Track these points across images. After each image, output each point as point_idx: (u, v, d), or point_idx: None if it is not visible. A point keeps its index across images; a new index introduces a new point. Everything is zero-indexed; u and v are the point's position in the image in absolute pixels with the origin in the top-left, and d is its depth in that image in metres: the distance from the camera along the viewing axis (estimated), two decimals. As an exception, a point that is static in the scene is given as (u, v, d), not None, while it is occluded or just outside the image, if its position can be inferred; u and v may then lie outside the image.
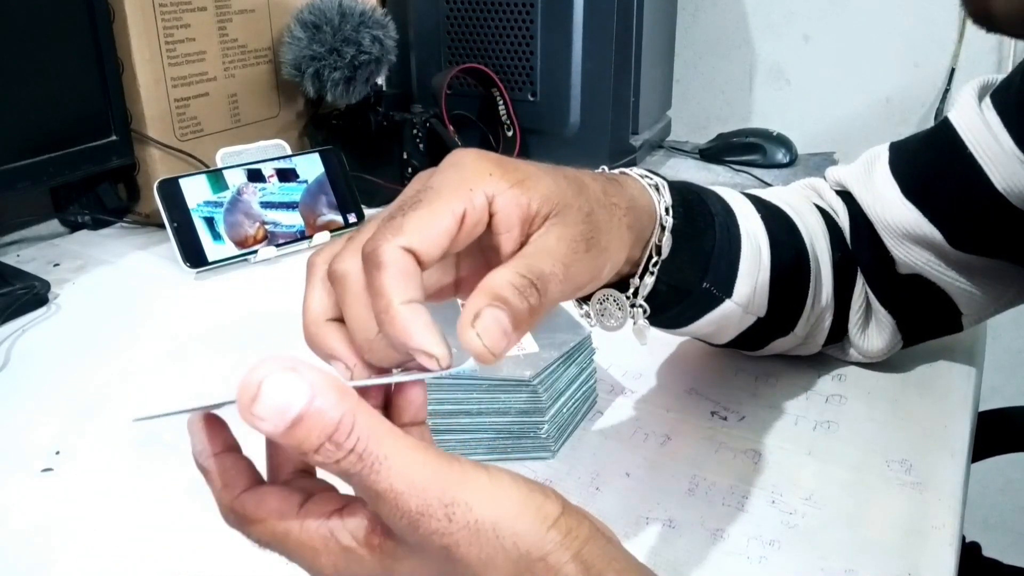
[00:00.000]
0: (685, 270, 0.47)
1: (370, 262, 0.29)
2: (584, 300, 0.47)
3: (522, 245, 0.33)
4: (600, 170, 0.43)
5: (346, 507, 0.28)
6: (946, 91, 1.28)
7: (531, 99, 1.07)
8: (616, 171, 0.44)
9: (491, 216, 0.32)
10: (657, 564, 0.43)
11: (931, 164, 0.55)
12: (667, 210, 0.44)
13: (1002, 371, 1.35)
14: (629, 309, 0.45)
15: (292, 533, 0.28)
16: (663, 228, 0.44)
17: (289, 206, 0.85)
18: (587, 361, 0.54)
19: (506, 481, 0.28)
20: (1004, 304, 0.57)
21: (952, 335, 0.60)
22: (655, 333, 0.65)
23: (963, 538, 0.78)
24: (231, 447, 0.30)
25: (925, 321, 0.59)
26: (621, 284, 0.45)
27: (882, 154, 0.58)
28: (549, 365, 0.50)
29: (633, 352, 0.63)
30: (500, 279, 0.30)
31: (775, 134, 1.16)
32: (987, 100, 0.52)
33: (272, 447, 0.32)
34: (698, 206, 0.48)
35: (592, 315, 0.46)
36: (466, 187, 0.31)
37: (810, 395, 0.58)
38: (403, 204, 0.31)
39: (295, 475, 0.31)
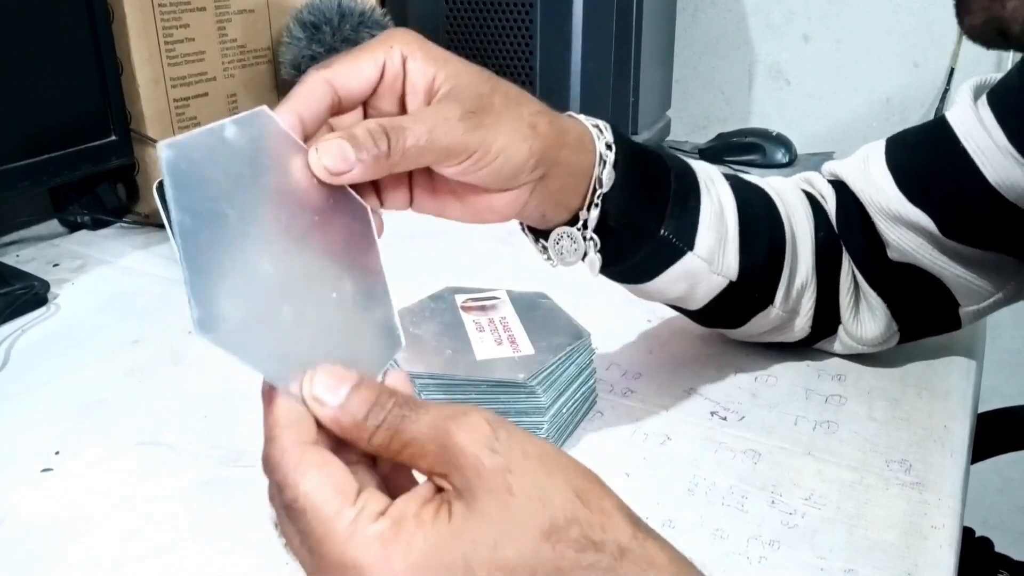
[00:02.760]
0: (641, 215, 0.49)
1: (298, 82, 0.36)
2: (543, 240, 0.49)
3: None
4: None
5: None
6: (946, 91, 1.28)
7: (531, 99, 1.07)
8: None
9: (405, 78, 0.38)
10: (657, 564, 0.43)
11: (926, 158, 0.55)
12: (608, 146, 0.46)
13: (1002, 371, 1.35)
14: (583, 242, 0.47)
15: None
16: (604, 162, 0.46)
17: None
18: (586, 362, 0.54)
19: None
20: (1006, 297, 0.57)
21: (952, 335, 0.60)
22: (655, 331, 0.66)
23: (972, 532, 0.78)
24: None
25: (920, 310, 0.59)
26: (575, 223, 0.48)
27: (878, 147, 0.58)
28: (548, 366, 0.50)
29: (633, 352, 0.63)
30: (361, 123, 0.35)
31: (775, 134, 1.16)
32: (983, 98, 0.53)
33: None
34: (651, 157, 0.50)
35: (552, 255, 0.48)
36: (388, 44, 0.38)
37: (810, 395, 0.58)
38: None
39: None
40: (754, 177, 0.59)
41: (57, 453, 0.53)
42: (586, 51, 1.03)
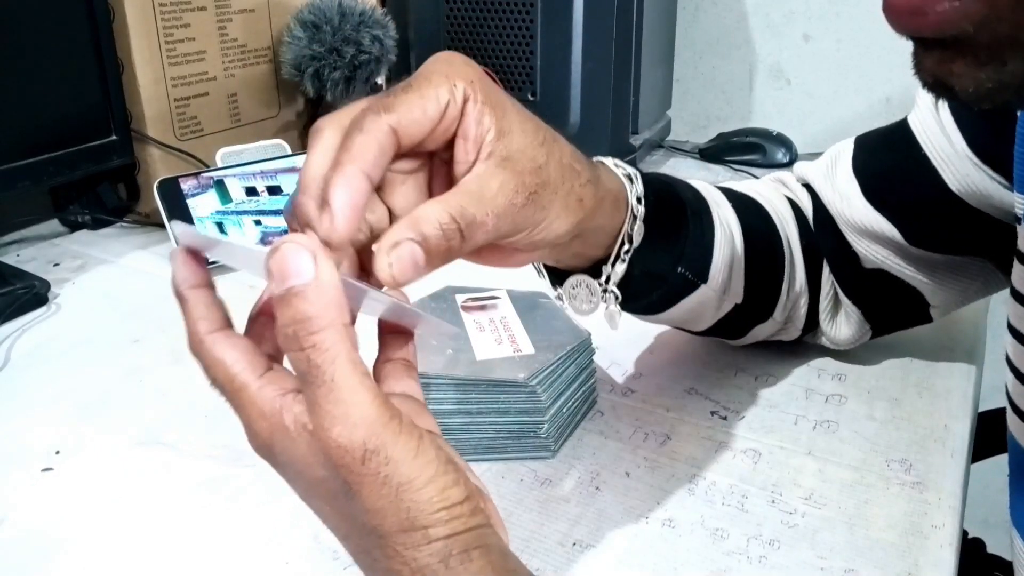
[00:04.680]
0: (658, 257, 0.48)
1: (354, 126, 0.31)
2: (559, 282, 0.48)
3: (472, 161, 0.34)
4: None
5: (300, 392, 0.29)
6: (946, 91, 1.28)
7: (531, 99, 1.07)
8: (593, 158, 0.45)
9: (461, 120, 0.33)
10: (657, 564, 0.43)
11: (889, 165, 0.56)
12: (639, 199, 0.45)
13: (1002, 371, 1.35)
14: (601, 295, 0.47)
15: (248, 389, 0.30)
16: (635, 217, 0.45)
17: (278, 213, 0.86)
18: (587, 361, 0.54)
19: (431, 454, 0.29)
20: (972, 295, 0.58)
21: (952, 335, 0.60)
22: (655, 331, 0.65)
23: (966, 534, 0.78)
24: (208, 285, 0.32)
25: (892, 313, 0.59)
26: (594, 269, 0.46)
27: (846, 150, 0.59)
28: (548, 366, 0.50)
29: (633, 352, 0.63)
30: (431, 214, 0.31)
31: (775, 134, 1.16)
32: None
33: (252, 323, 0.34)
34: (669, 195, 0.49)
35: (564, 299, 0.47)
36: (451, 82, 0.33)
37: (810, 395, 0.58)
38: (395, 88, 0.33)
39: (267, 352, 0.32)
40: (736, 183, 0.60)
41: (57, 453, 0.53)
42: (587, 51, 1.03)
